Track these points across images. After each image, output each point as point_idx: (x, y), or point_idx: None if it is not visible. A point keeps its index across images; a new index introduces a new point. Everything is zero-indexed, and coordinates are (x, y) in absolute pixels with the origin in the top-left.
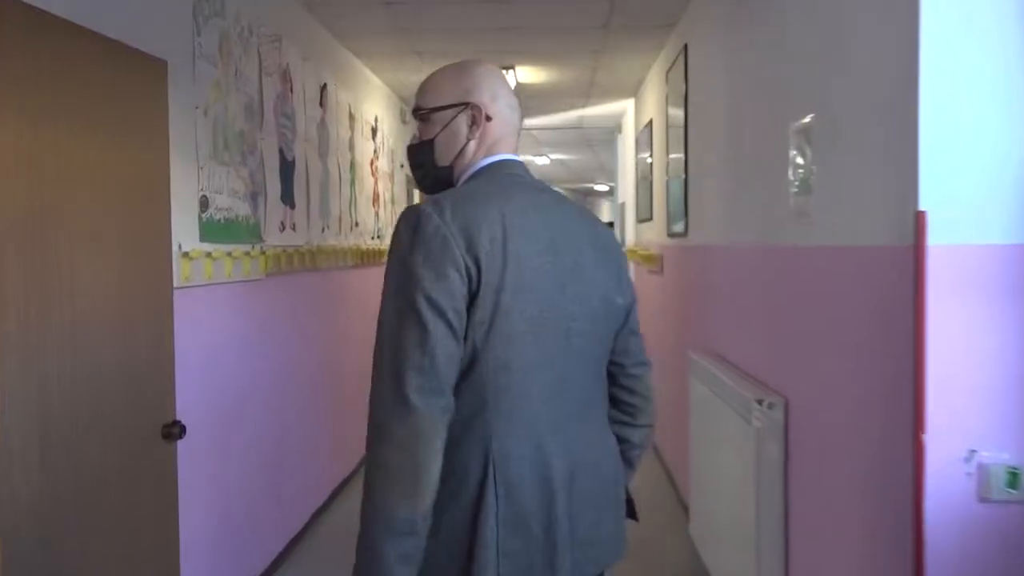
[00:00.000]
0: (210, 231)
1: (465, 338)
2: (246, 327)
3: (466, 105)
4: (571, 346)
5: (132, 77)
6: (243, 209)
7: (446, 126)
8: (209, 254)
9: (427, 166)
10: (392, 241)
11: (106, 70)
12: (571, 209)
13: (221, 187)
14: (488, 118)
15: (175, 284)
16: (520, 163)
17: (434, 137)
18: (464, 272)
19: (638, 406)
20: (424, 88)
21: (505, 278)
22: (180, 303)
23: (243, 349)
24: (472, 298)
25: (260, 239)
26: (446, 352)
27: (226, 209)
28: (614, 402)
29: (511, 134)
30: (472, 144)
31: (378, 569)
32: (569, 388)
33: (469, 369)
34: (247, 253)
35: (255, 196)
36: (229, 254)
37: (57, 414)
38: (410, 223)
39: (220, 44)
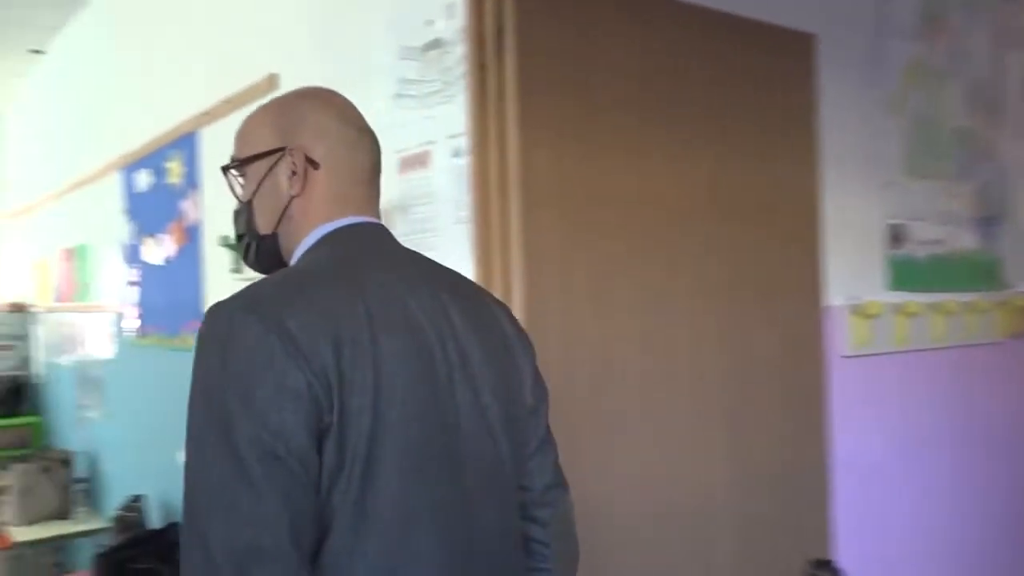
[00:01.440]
0: (905, 275)
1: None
2: (964, 420)
3: (281, 151)
4: (467, 478)
5: (770, 60)
6: (967, 241)
7: (260, 182)
8: (903, 308)
9: (248, 236)
10: (195, 359)
11: (740, 54)
12: (448, 285)
13: (924, 211)
14: (314, 164)
15: (839, 352)
16: (371, 225)
17: (251, 198)
18: (307, 399)
19: (549, 545)
20: (237, 132)
21: (374, 399)
22: (843, 380)
23: (952, 457)
24: (323, 435)
25: (1000, 284)
26: (296, 515)
27: (935, 242)
28: (524, 542)
29: (357, 182)
30: (298, 203)
31: None
32: (469, 540)
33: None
34: (973, 305)
35: (989, 222)
36: (939, 307)
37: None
38: (215, 332)
39: (923, 6)
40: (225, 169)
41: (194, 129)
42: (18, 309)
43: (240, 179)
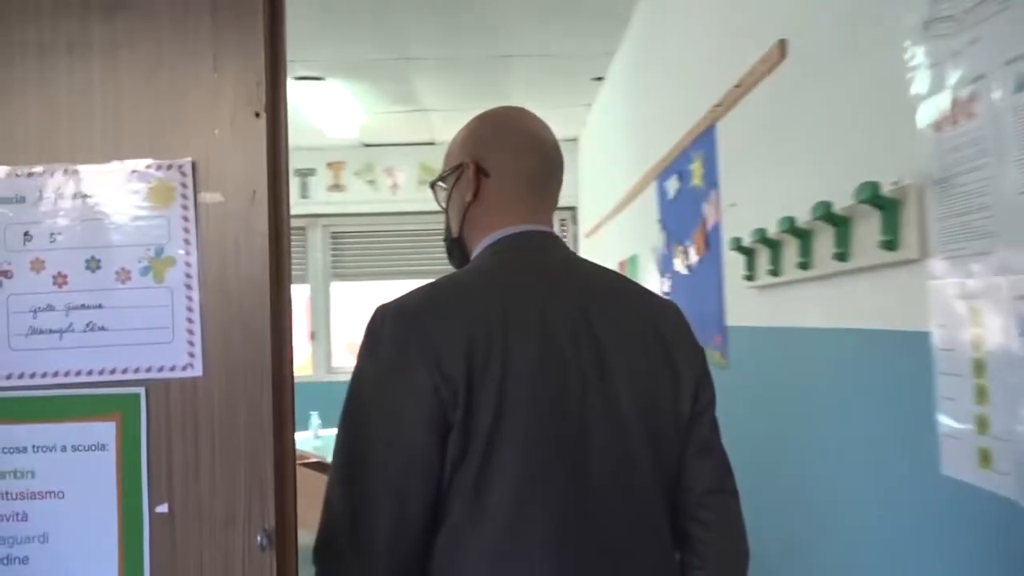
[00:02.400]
0: None
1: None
2: None
3: (461, 165)
4: (590, 477)
5: None
6: None
7: (450, 192)
8: None
9: (446, 239)
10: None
11: None
12: (600, 291)
13: None
14: (484, 173)
15: None
16: (535, 233)
17: (445, 205)
18: (433, 395)
19: (709, 544)
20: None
21: (498, 400)
22: None
23: None
24: (447, 431)
25: None
26: (395, 518)
27: None
28: (685, 541)
29: (528, 191)
30: (474, 209)
31: None
32: (588, 536)
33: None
34: None
35: None
36: None
37: None
38: (371, 328)
39: None
40: (432, 184)
41: (710, 124)
42: None
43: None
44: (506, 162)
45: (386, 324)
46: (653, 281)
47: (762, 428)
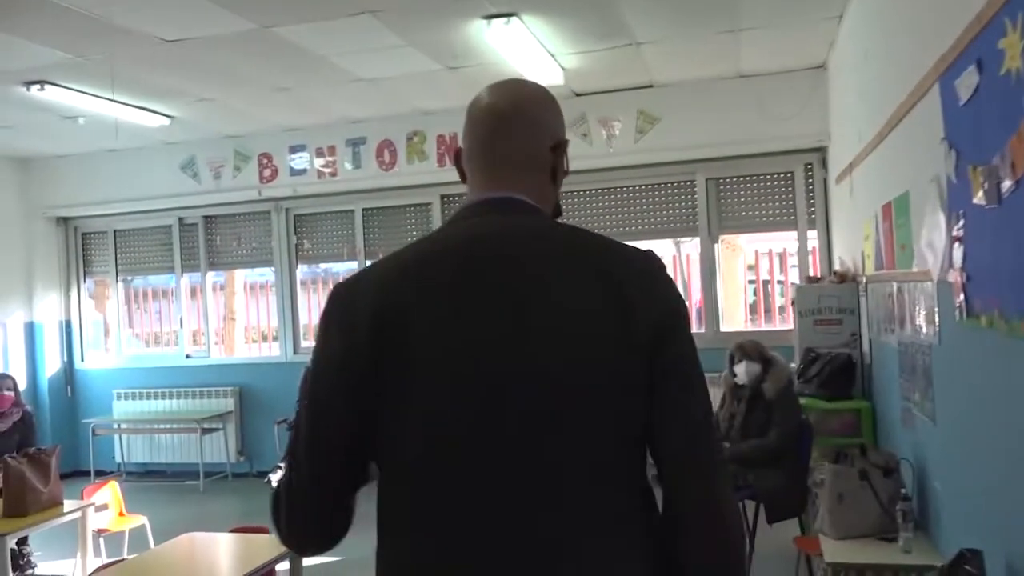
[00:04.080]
0: None
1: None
2: None
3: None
4: (503, 437)
5: None
6: None
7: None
8: None
9: None
10: None
11: None
12: (545, 243)
13: None
14: (459, 156)
15: None
16: (484, 201)
17: None
18: (351, 356)
19: (683, 534)
20: None
21: (406, 360)
22: None
23: None
24: (361, 388)
25: None
26: (313, 471)
27: None
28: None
29: (481, 160)
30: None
31: None
32: (499, 497)
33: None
34: None
35: None
36: None
37: None
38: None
39: None
40: None
41: None
42: (844, 279)
43: None
44: (465, 140)
45: (328, 296)
46: (937, 223)
47: None
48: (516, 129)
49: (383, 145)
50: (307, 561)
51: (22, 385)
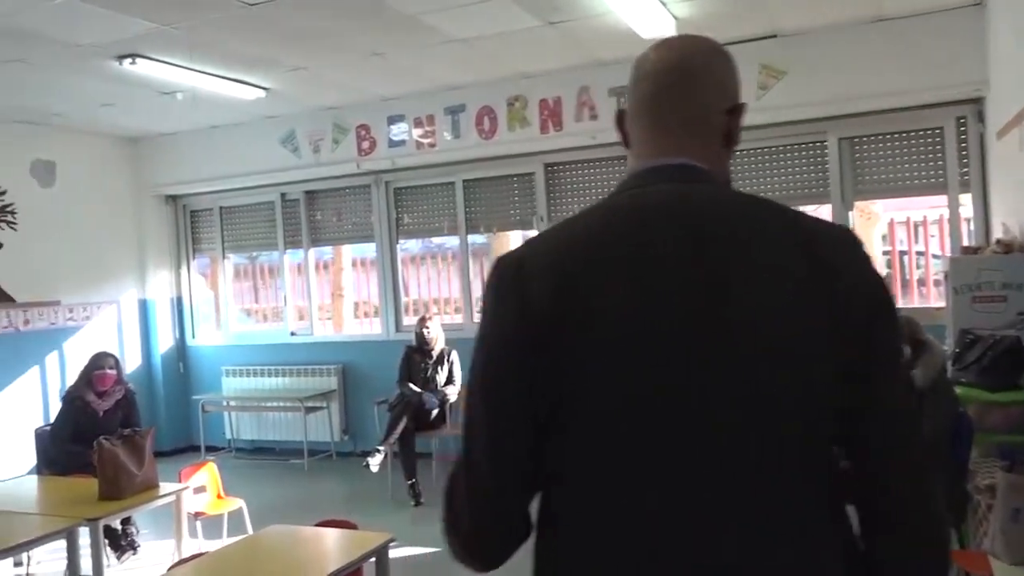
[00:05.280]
0: None
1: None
2: None
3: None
4: (712, 447)
5: None
6: None
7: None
8: None
9: None
10: None
11: None
12: (732, 225)
13: None
14: (622, 120)
15: None
16: (657, 168)
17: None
18: (523, 342)
19: (883, 527)
20: None
21: (586, 345)
22: None
23: None
24: (535, 381)
25: None
26: (504, 452)
27: None
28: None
29: (650, 122)
30: (630, 158)
31: None
32: (715, 522)
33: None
34: None
35: None
36: None
37: None
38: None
39: None
40: None
41: None
42: (1010, 249)
43: None
44: (631, 101)
45: (491, 274)
46: None
47: None
48: (691, 89)
49: (483, 112)
50: (394, 554)
51: (137, 362)
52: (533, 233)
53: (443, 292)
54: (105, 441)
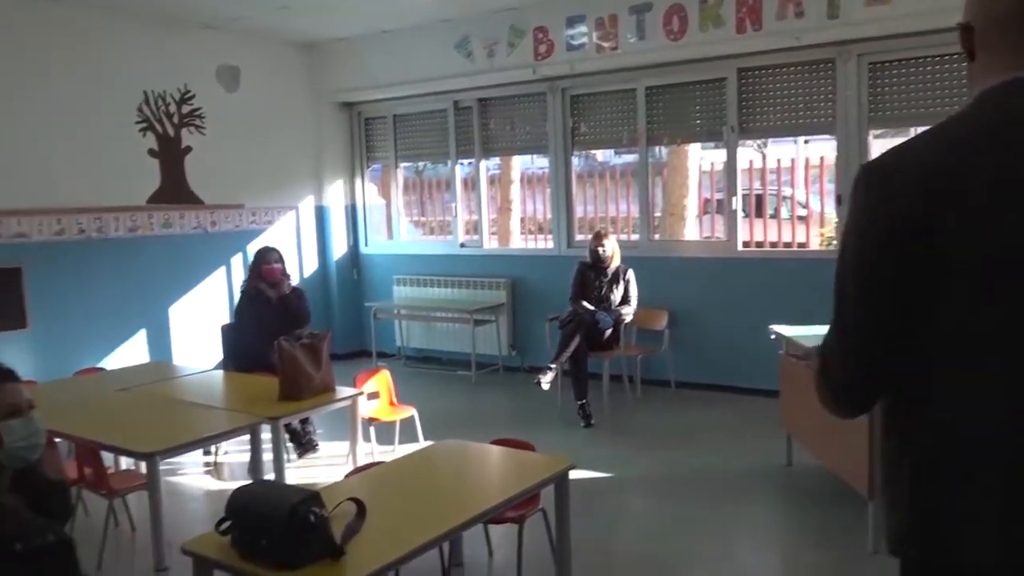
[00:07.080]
0: None
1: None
2: None
3: (959, 27)
4: None
5: None
6: None
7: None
8: None
9: None
10: None
11: None
12: None
13: None
14: (969, 29)
15: None
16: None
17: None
18: (899, 236)
19: None
20: None
21: (963, 242)
22: None
23: None
24: (901, 277)
25: None
26: (870, 325)
27: None
28: None
29: (1010, 33)
30: (971, 68)
31: None
32: None
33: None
34: None
35: None
36: None
37: None
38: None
39: None
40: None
41: None
42: None
43: None
44: (979, 12)
45: (859, 178)
46: None
47: None
48: None
49: (672, 11)
50: (574, 475)
51: (314, 267)
52: (715, 147)
53: (609, 211)
54: (285, 342)
